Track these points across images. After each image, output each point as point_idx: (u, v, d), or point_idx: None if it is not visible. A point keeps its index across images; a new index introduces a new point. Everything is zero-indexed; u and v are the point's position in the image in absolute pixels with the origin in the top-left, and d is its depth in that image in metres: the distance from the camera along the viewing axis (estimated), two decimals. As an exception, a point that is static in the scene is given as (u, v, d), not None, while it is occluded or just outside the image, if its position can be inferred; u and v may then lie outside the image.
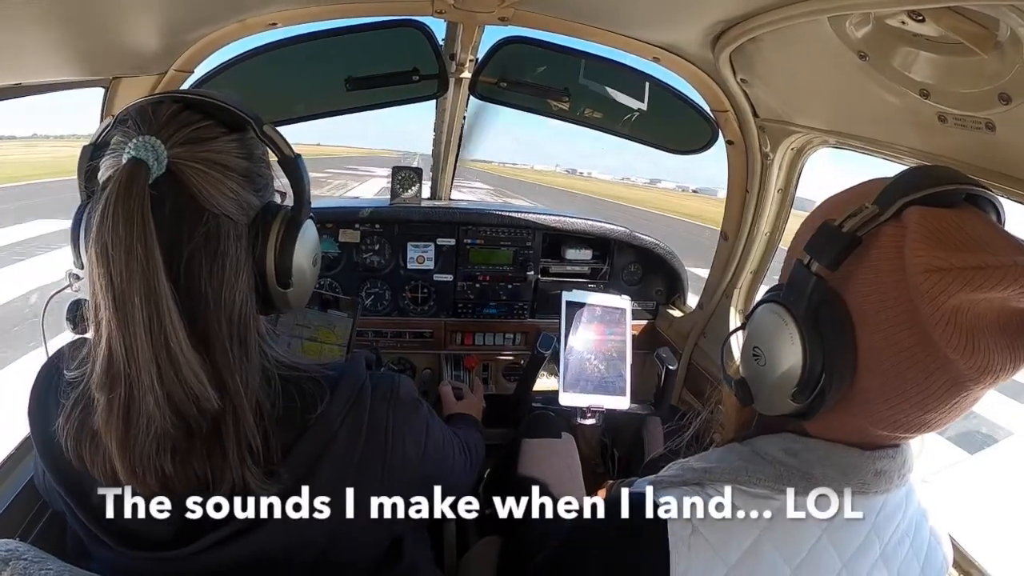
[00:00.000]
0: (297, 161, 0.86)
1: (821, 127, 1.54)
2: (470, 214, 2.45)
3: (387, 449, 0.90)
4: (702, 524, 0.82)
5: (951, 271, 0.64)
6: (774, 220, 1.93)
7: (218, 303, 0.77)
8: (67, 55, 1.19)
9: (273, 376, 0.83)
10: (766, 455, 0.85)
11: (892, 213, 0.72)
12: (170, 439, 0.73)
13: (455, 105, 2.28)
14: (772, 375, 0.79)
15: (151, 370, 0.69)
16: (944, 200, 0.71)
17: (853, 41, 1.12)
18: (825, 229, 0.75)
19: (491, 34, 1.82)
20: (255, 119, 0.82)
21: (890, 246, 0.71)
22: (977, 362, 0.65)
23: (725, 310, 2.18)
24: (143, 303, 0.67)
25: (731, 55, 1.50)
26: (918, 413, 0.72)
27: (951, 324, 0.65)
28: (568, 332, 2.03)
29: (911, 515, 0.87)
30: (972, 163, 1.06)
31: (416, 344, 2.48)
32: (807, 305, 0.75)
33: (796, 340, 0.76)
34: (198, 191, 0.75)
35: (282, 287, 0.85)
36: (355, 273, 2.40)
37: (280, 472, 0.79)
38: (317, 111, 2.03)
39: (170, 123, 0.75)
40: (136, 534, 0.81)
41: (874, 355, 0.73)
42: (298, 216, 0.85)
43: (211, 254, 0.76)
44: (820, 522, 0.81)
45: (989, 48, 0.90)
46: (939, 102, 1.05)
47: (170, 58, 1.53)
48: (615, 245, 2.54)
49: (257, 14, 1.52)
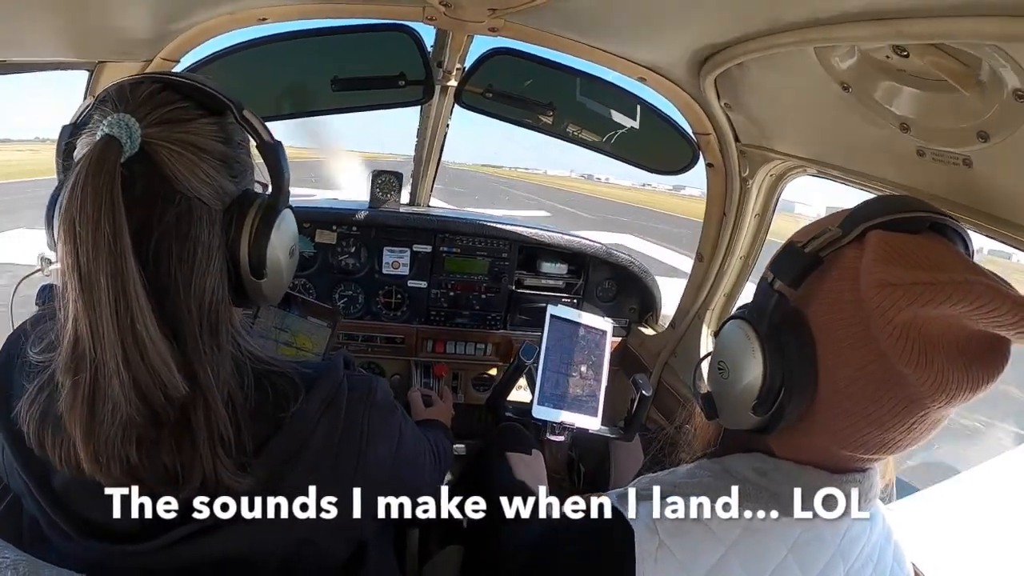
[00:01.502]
0: (277, 147, 0.83)
1: (801, 155, 1.56)
2: (447, 222, 2.44)
3: (361, 450, 0.89)
4: (670, 538, 0.82)
5: (901, 286, 0.66)
6: (750, 244, 1.95)
7: (188, 289, 0.75)
8: (54, 35, 1.18)
9: (246, 369, 0.81)
10: (736, 473, 0.86)
11: (854, 236, 0.74)
12: (136, 427, 0.70)
13: (439, 112, 2.27)
14: (735, 388, 0.81)
15: (116, 352, 0.67)
16: (907, 227, 0.74)
17: (837, 72, 1.14)
18: (789, 249, 0.78)
19: (480, 44, 1.83)
20: (235, 103, 0.80)
21: (850, 267, 0.73)
22: (931, 377, 0.67)
23: (697, 331, 2.19)
24: (109, 283, 0.65)
25: (716, 79, 1.52)
26: (877, 432, 0.74)
27: (903, 338, 0.67)
28: (549, 345, 2.01)
29: (875, 539, 0.89)
30: (948, 198, 1.08)
31: (387, 349, 2.46)
32: (769, 321, 0.78)
33: (758, 354, 0.78)
34: (171, 172, 0.73)
35: (256, 277, 0.82)
36: (329, 275, 2.38)
37: (253, 467, 0.77)
38: (302, 109, 2.03)
39: (147, 102, 0.73)
40: (99, 525, 0.78)
41: (833, 372, 0.75)
42: (275, 204, 0.83)
43: (181, 238, 0.74)
44: (786, 541, 0.82)
45: (971, 86, 0.92)
46: (919, 136, 1.07)
47: (157, 45, 1.51)
48: (591, 261, 2.54)
49: (247, 7, 1.51)
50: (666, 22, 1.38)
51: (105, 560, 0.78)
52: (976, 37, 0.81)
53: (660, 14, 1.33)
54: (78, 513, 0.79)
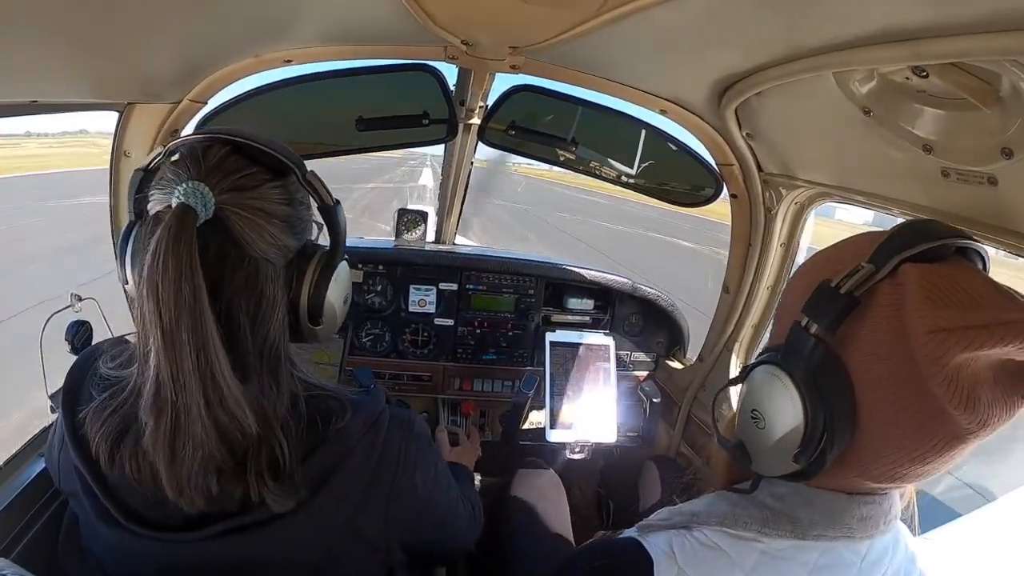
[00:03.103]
0: (336, 209, 0.91)
1: (825, 182, 1.55)
2: (473, 259, 2.46)
3: (397, 473, 0.94)
4: (688, 566, 0.81)
5: (955, 331, 0.64)
6: (776, 274, 1.94)
7: (254, 337, 0.83)
8: (84, 77, 1.22)
9: (300, 400, 0.88)
10: (754, 499, 0.85)
11: (888, 272, 0.72)
12: (215, 461, 0.78)
13: (463, 150, 2.31)
14: (772, 438, 0.79)
15: (199, 400, 0.74)
16: (936, 254, 0.73)
17: (858, 97, 1.14)
18: (823, 291, 0.75)
19: (502, 81, 1.86)
20: (299, 166, 0.86)
21: (888, 305, 0.72)
22: (978, 417, 0.65)
23: (725, 363, 2.16)
24: (190, 337, 0.72)
25: (737, 109, 1.53)
26: (916, 467, 0.72)
27: (954, 381, 0.65)
28: (553, 371, 2.09)
29: (899, 562, 0.87)
30: (975, 218, 1.07)
31: (413, 388, 2.46)
32: (806, 367, 0.75)
33: (797, 403, 0.76)
34: (240, 236, 0.80)
35: (313, 324, 0.92)
36: (356, 313, 2.40)
37: (295, 479, 0.83)
38: (328, 149, 2.07)
39: (218, 169, 0.80)
40: (146, 517, 0.86)
41: (874, 414, 0.73)
42: (333, 260, 0.92)
43: (249, 293, 0.82)
44: (805, 566, 0.80)
45: (992, 103, 0.91)
46: (942, 157, 1.06)
47: (185, 87, 1.56)
48: (617, 296, 2.54)
49: (273, 50, 1.56)
50: (684, 54, 1.39)
51: (144, 548, 0.86)
52: (994, 54, 0.81)
53: (678, 46, 1.35)
54: (129, 504, 0.86)
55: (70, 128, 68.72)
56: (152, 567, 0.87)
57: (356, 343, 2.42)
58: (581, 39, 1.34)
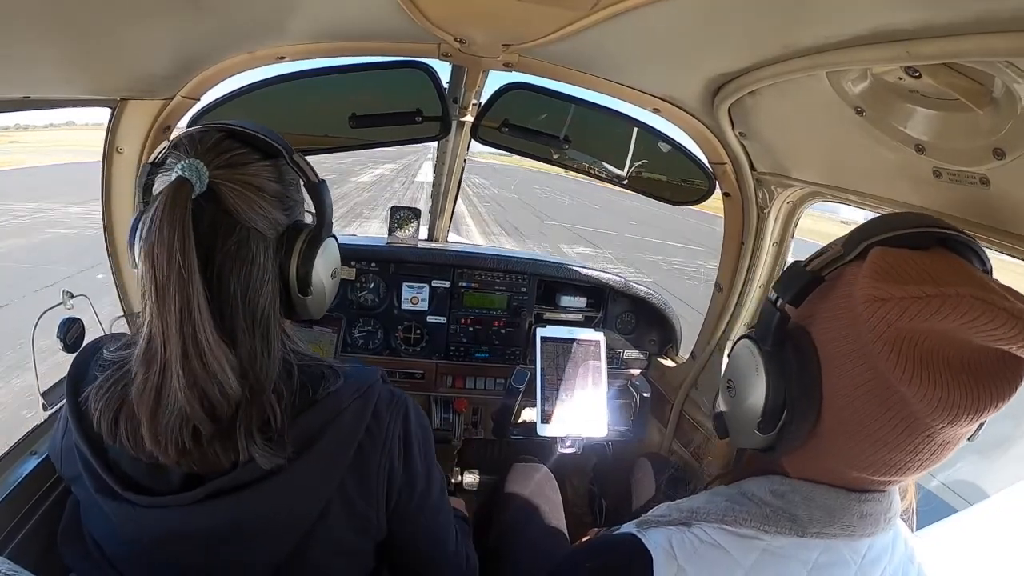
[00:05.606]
0: (321, 186, 0.98)
1: (817, 181, 1.56)
2: (465, 257, 2.46)
3: (385, 443, 1.00)
4: (688, 563, 0.81)
5: (890, 300, 0.65)
6: (769, 273, 1.94)
7: (244, 302, 0.88)
8: (77, 73, 1.21)
9: (293, 368, 0.94)
10: (753, 496, 0.85)
11: (856, 254, 0.75)
12: (192, 418, 0.82)
13: (456, 148, 2.31)
14: (741, 406, 0.82)
15: (177, 354, 0.79)
16: (912, 243, 0.73)
17: (851, 96, 1.14)
18: (792, 268, 0.80)
19: (495, 79, 1.86)
20: (286, 148, 0.93)
21: (848, 283, 0.74)
22: (928, 394, 0.65)
23: (717, 361, 2.17)
24: (177, 296, 0.78)
25: (730, 108, 1.53)
26: (884, 452, 0.73)
27: (895, 353, 0.66)
28: (544, 366, 2.10)
29: (897, 560, 0.87)
30: (967, 218, 1.07)
31: (406, 385, 2.46)
32: (772, 339, 0.78)
33: (761, 372, 0.79)
34: (233, 207, 0.87)
35: (302, 294, 0.96)
36: (349, 310, 2.40)
37: (284, 439, 0.88)
38: (321, 146, 2.06)
39: (213, 149, 0.87)
40: (142, 485, 0.91)
41: (835, 389, 0.74)
42: (319, 234, 0.97)
43: (240, 260, 0.88)
44: (805, 564, 0.80)
45: (984, 104, 0.92)
46: (934, 157, 1.06)
47: (178, 84, 1.55)
48: (609, 293, 2.54)
49: (266, 46, 1.55)
50: (678, 53, 1.39)
51: (143, 519, 0.90)
52: (987, 54, 0.81)
53: (672, 45, 1.35)
54: (127, 475, 0.92)
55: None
56: (150, 538, 0.91)
57: (349, 340, 2.41)
58: (574, 37, 1.34)
